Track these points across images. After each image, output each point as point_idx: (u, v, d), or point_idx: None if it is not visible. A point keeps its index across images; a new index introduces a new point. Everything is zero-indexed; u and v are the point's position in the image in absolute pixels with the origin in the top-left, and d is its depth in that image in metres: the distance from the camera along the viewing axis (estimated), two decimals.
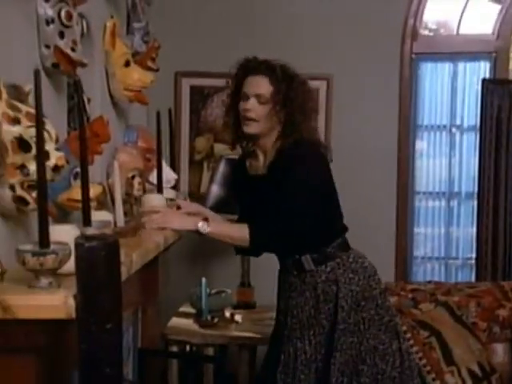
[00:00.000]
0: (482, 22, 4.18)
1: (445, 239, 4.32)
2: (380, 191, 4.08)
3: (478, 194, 4.06)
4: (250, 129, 2.43)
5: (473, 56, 4.14)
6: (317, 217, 2.37)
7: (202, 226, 2.32)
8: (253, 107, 2.40)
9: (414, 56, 4.06)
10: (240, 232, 2.35)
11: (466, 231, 4.30)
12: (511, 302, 3.48)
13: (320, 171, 2.44)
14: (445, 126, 4.23)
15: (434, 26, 4.56)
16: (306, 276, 2.46)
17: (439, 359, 3.05)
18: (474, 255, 4.15)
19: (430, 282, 3.74)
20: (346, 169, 4.08)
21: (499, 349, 3.37)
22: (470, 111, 4.17)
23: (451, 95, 4.16)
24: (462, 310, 3.39)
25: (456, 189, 4.28)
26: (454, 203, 4.31)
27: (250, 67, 2.45)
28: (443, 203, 4.31)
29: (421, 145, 4.28)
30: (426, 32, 4.36)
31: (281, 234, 2.36)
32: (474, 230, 4.12)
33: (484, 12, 4.21)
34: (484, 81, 3.97)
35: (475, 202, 4.14)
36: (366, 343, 2.39)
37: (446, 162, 4.27)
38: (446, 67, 4.17)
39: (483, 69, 4.11)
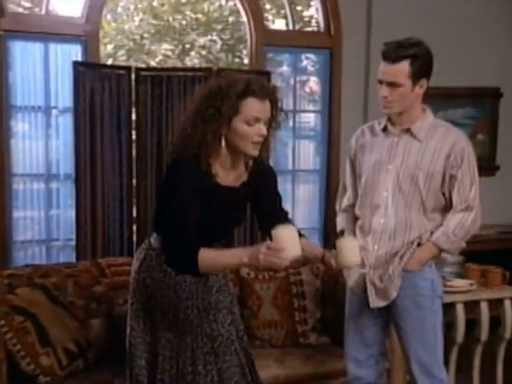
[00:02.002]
0: (71, 4, 4.21)
1: (45, 222, 4.29)
2: None
3: (76, 176, 4.11)
4: (257, 151, 2.45)
5: (64, 38, 4.13)
6: None
7: None
8: (265, 131, 2.43)
9: (2, 33, 3.91)
10: None
11: (66, 213, 4.33)
12: (108, 278, 3.62)
13: None
14: (40, 107, 4.18)
15: (27, 4, 4.46)
16: None
17: (34, 342, 3.01)
18: (74, 236, 4.20)
19: (27, 265, 3.67)
20: None
21: (96, 324, 3.46)
22: (64, 93, 4.18)
23: (45, 76, 4.12)
24: (60, 291, 3.40)
25: (54, 171, 4.28)
26: (53, 185, 4.30)
27: (255, 90, 2.39)
28: (42, 185, 4.27)
29: (18, 126, 4.16)
30: (19, 9, 4.24)
31: None
32: (74, 211, 4.17)
33: None
34: (75, 63, 4.00)
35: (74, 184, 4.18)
36: None
37: (44, 143, 4.23)
38: (37, 47, 4.10)
39: (75, 51, 4.16)
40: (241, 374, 2.63)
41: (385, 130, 2.85)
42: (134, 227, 4.34)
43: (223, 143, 2.43)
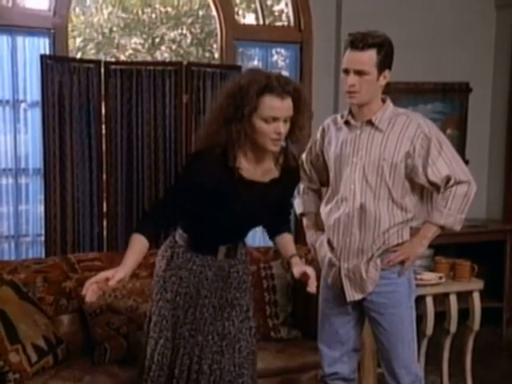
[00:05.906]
0: None
1: (14, 217, 4.23)
2: None
3: (45, 170, 4.06)
4: (277, 147, 2.47)
5: (31, 31, 4.07)
6: None
7: None
8: (282, 129, 2.43)
9: None
10: None
11: (36, 208, 4.28)
12: (78, 273, 3.58)
13: None
14: (8, 101, 4.12)
15: None
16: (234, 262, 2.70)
17: (3, 339, 2.97)
18: (43, 231, 4.16)
19: None
20: None
21: (66, 320, 3.45)
22: (32, 87, 4.13)
23: (12, 69, 4.06)
24: (29, 287, 3.37)
25: (23, 165, 4.22)
26: (22, 180, 4.25)
27: (273, 87, 2.39)
28: (10, 180, 4.22)
29: None
30: None
31: None
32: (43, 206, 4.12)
33: None
34: (43, 57, 3.95)
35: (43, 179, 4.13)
36: None
37: (12, 137, 4.17)
38: (4, 40, 4.02)
39: (43, 45, 4.10)
40: (235, 375, 2.65)
41: (347, 123, 2.85)
42: (105, 222, 4.30)
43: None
